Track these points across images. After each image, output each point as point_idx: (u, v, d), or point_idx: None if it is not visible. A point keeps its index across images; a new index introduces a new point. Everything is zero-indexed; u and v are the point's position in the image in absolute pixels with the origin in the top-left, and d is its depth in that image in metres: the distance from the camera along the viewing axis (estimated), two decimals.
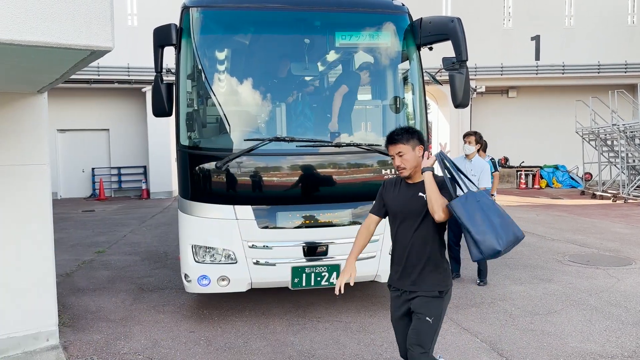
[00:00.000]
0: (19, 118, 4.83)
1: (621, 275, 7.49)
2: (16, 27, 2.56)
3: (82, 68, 3.48)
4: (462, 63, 5.41)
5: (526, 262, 8.46)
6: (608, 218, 13.40)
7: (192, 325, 5.72)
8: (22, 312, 4.93)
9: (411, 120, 5.90)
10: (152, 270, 8.35)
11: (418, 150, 3.37)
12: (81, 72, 16.39)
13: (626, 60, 22.01)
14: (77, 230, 12.67)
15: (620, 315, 5.85)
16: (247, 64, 5.91)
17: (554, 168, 22.90)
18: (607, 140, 19.43)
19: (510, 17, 22.75)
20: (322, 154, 5.54)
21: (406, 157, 3.34)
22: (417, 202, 3.36)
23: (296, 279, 5.38)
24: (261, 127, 5.67)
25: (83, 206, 18.24)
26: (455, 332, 5.44)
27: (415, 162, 3.36)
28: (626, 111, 19.88)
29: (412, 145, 3.35)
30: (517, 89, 23.28)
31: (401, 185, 3.50)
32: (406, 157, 3.34)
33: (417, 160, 3.36)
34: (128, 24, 20.10)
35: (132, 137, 21.46)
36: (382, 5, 5.95)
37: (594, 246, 9.64)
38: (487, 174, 7.24)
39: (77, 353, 5.02)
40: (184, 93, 5.57)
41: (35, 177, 4.93)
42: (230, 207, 5.34)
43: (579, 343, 5.09)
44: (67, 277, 7.90)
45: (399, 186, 3.51)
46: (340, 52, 6.21)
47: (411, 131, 3.40)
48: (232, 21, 5.77)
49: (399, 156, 3.36)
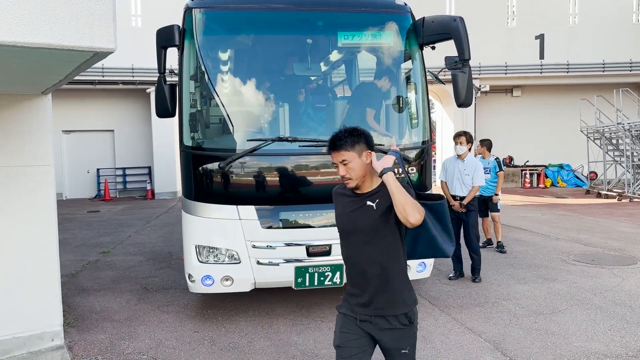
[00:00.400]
0: (23, 119, 4.85)
1: (626, 275, 7.46)
2: (19, 29, 2.57)
3: (86, 69, 3.49)
4: (465, 62, 5.41)
5: (530, 261, 8.44)
6: (613, 217, 13.36)
7: (196, 325, 5.73)
8: (27, 312, 4.95)
9: (414, 120, 5.90)
10: (156, 270, 8.38)
11: (365, 156, 2.82)
12: (86, 73, 16.46)
13: (631, 58, 21.92)
14: (82, 231, 12.71)
15: (625, 314, 5.83)
16: (249, 65, 5.92)
17: (558, 167, 22.83)
18: (612, 139, 19.36)
19: (514, 15, 22.68)
20: (325, 154, 5.52)
21: (352, 166, 2.79)
22: (367, 213, 2.84)
23: (299, 278, 5.39)
24: (264, 128, 5.68)
25: (88, 207, 18.30)
26: (459, 331, 5.43)
27: (362, 170, 2.82)
28: (631, 110, 19.81)
29: (358, 152, 2.80)
30: (521, 88, 23.21)
31: (350, 196, 2.96)
32: (352, 166, 2.79)
33: (364, 169, 2.83)
34: (132, 25, 20.15)
35: (136, 138, 21.52)
36: (385, 5, 5.95)
37: (599, 245, 9.61)
38: (480, 173, 7.30)
39: (82, 353, 5.04)
40: (187, 94, 5.58)
41: (40, 178, 4.95)
42: (234, 208, 5.35)
43: (583, 342, 5.08)
44: (72, 278, 7.94)
45: (348, 196, 2.97)
46: (343, 52, 6.22)
47: (356, 134, 2.82)
48: (234, 22, 5.78)
49: (343, 165, 2.81)
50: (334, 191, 3.09)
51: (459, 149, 7.31)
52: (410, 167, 5.64)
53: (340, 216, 3.01)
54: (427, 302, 6.39)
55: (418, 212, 2.68)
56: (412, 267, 5.76)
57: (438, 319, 5.79)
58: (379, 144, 5.57)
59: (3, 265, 4.85)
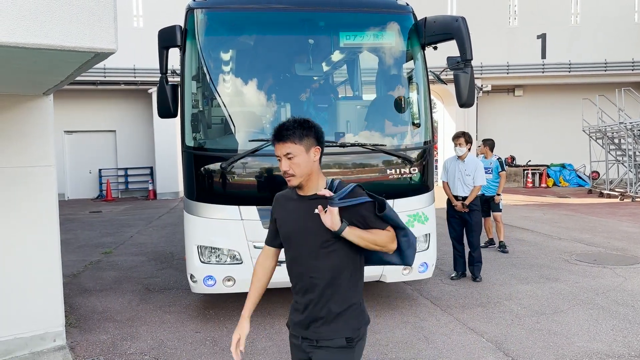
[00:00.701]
0: (25, 120, 4.86)
1: (628, 274, 7.45)
2: (20, 29, 2.57)
3: (87, 70, 3.49)
4: (467, 62, 5.40)
5: (532, 261, 8.43)
6: (615, 217, 13.33)
7: (198, 326, 5.73)
8: (29, 313, 4.96)
9: (416, 120, 5.90)
10: (158, 270, 8.38)
11: (314, 152, 2.54)
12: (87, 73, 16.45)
13: (633, 57, 21.88)
14: (84, 231, 12.73)
15: (628, 314, 5.82)
16: (251, 65, 5.92)
17: (560, 167, 22.80)
18: (615, 139, 19.32)
19: (515, 15, 22.66)
20: (327, 154, 5.48)
21: (297, 161, 2.49)
22: (313, 221, 2.51)
23: None
24: (266, 128, 5.68)
25: (90, 207, 18.32)
26: (461, 331, 5.43)
27: (308, 167, 2.52)
28: (633, 109, 19.76)
29: (306, 146, 2.51)
30: (523, 88, 23.19)
31: (295, 200, 2.64)
32: (297, 161, 2.49)
33: (310, 166, 2.53)
34: (134, 25, 20.17)
35: (138, 138, 21.54)
36: (387, 5, 5.95)
37: (601, 245, 9.59)
38: (481, 172, 7.30)
39: (84, 353, 5.05)
40: (189, 94, 5.59)
41: (42, 179, 4.96)
42: (236, 208, 5.35)
43: (585, 342, 5.07)
44: (74, 278, 7.94)
45: (292, 201, 2.65)
46: (345, 52, 6.21)
47: (307, 126, 2.53)
48: (236, 22, 5.78)
49: (287, 158, 2.50)
50: (276, 195, 2.78)
51: (458, 150, 7.30)
52: (412, 167, 5.63)
53: (284, 222, 2.69)
54: (429, 302, 6.38)
55: (390, 240, 2.53)
56: (414, 267, 5.75)
57: (440, 319, 5.79)
58: (380, 144, 5.59)
59: (5, 266, 4.85)
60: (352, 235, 2.46)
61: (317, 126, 2.58)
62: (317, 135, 2.56)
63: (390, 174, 5.55)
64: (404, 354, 4.91)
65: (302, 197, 2.61)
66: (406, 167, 5.60)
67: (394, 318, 5.84)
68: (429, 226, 5.85)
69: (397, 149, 5.65)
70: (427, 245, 5.86)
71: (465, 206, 7.17)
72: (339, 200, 2.46)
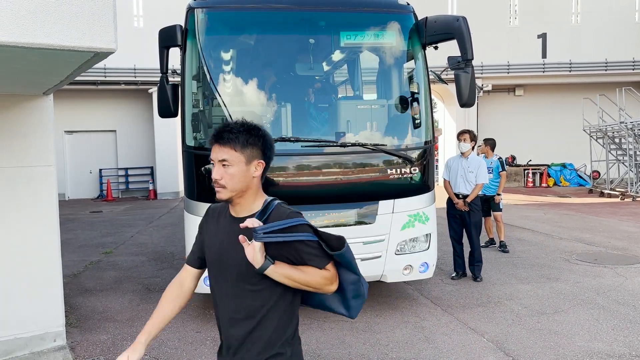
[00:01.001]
0: (25, 120, 4.85)
1: (629, 274, 7.44)
2: (19, 29, 2.57)
3: (87, 70, 3.49)
4: (468, 62, 5.40)
5: (533, 261, 8.42)
6: (616, 216, 13.32)
7: (199, 326, 5.73)
8: (29, 313, 4.95)
9: (417, 120, 5.89)
10: (159, 270, 8.38)
11: (256, 166, 2.13)
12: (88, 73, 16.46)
13: (634, 57, 21.86)
14: (85, 231, 12.72)
15: (628, 314, 5.81)
16: (252, 65, 5.91)
17: (561, 166, 22.77)
18: (615, 138, 19.30)
19: (516, 15, 22.65)
20: (328, 154, 5.53)
21: (232, 171, 2.08)
22: (237, 251, 2.05)
23: None
24: (266, 128, 5.65)
25: (90, 207, 18.31)
26: (461, 331, 5.42)
27: (244, 182, 2.11)
28: (634, 108, 19.73)
29: (247, 156, 2.10)
30: (523, 87, 23.17)
31: (226, 218, 2.22)
32: (232, 171, 2.08)
33: (248, 182, 2.12)
34: (134, 25, 20.16)
35: (139, 138, 21.53)
36: (387, 5, 5.94)
37: (602, 245, 9.58)
38: (484, 170, 7.32)
39: (84, 353, 5.04)
40: (190, 94, 5.58)
41: (42, 179, 4.95)
42: None
43: (586, 342, 5.06)
44: (75, 278, 7.94)
45: (223, 218, 2.23)
46: (346, 52, 6.21)
47: (255, 134, 2.13)
48: (237, 22, 5.78)
49: (221, 165, 2.09)
50: (209, 207, 2.37)
51: (462, 146, 7.31)
52: (413, 167, 5.62)
53: (209, 243, 2.27)
54: (430, 302, 6.37)
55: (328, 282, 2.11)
56: (415, 267, 5.75)
57: (440, 319, 5.78)
58: (381, 144, 5.59)
59: (5, 266, 4.85)
60: (277, 275, 2.04)
61: (267, 136, 2.18)
62: (264, 147, 2.16)
63: (390, 174, 5.54)
64: (404, 353, 4.90)
65: (233, 218, 2.18)
66: (407, 167, 5.59)
67: (394, 318, 5.84)
68: (429, 226, 5.85)
69: (398, 149, 5.64)
70: (427, 245, 5.86)
71: (466, 204, 7.17)
72: (263, 234, 1.99)
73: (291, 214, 2.12)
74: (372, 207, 5.53)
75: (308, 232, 2.08)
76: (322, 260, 2.09)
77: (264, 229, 2.00)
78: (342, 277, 2.17)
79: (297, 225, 2.07)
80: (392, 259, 5.63)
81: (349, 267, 2.16)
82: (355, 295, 2.22)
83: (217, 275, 2.24)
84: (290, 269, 2.06)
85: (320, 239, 2.08)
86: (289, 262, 2.09)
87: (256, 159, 2.13)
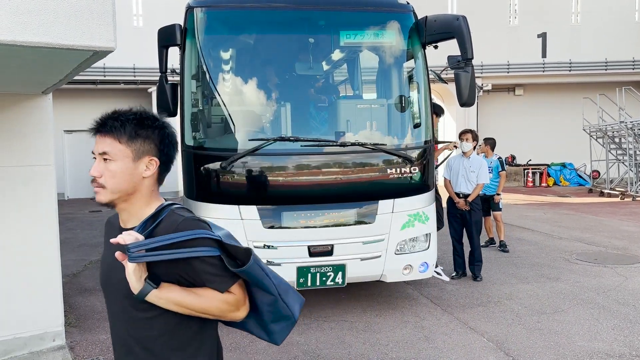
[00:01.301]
0: (24, 119, 4.84)
1: (629, 274, 7.43)
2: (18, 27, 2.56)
3: (85, 69, 3.48)
4: (468, 61, 5.39)
5: (533, 260, 8.41)
6: (616, 216, 13.31)
7: None
8: (28, 313, 4.94)
9: (416, 120, 5.88)
10: None
11: (147, 164, 1.77)
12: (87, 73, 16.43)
13: (634, 57, 21.84)
14: (84, 231, 12.70)
15: (629, 313, 5.80)
16: (251, 64, 5.90)
17: (561, 166, 22.75)
18: (615, 138, 19.29)
19: (516, 14, 22.64)
20: (327, 154, 5.52)
21: (114, 168, 1.73)
22: (122, 268, 1.67)
23: (301, 279, 5.37)
24: (266, 127, 5.67)
25: (90, 206, 18.27)
26: (461, 331, 5.41)
27: (129, 183, 1.74)
28: (634, 108, 19.72)
29: (135, 151, 1.75)
30: (523, 87, 23.15)
31: (117, 230, 1.80)
32: (114, 168, 1.73)
33: (135, 182, 1.75)
34: (134, 24, 20.13)
35: None
36: (387, 4, 5.94)
37: (602, 244, 9.58)
38: (485, 170, 7.36)
39: (84, 353, 5.03)
40: (189, 93, 5.57)
41: (41, 178, 4.94)
42: (235, 207, 5.33)
43: (586, 342, 5.05)
44: (74, 278, 7.92)
45: (115, 231, 1.80)
46: (345, 51, 6.20)
47: (148, 124, 1.79)
48: (236, 21, 5.77)
49: (102, 159, 1.75)
50: (108, 218, 2.00)
51: (464, 145, 7.33)
52: (413, 167, 5.61)
53: (101, 263, 1.96)
54: (429, 302, 6.36)
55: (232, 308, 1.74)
56: (415, 267, 5.74)
57: (440, 319, 5.77)
58: (381, 144, 5.58)
59: (4, 266, 4.83)
60: (163, 301, 1.66)
61: (165, 129, 1.81)
62: (160, 142, 1.78)
63: (390, 174, 5.53)
64: (404, 353, 4.89)
65: (121, 229, 1.78)
66: (406, 167, 5.58)
67: (394, 317, 5.83)
68: (429, 225, 5.84)
69: (398, 148, 5.63)
70: (427, 245, 5.85)
71: (467, 203, 7.17)
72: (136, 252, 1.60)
73: (185, 224, 1.70)
74: (371, 207, 5.52)
75: (209, 246, 1.67)
76: (224, 281, 1.70)
77: (140, 246, 1.60)
78: (257, 297, 1.82)
79: (193, 240, 1.66)
80: (392, 259, 5.62)
81: (260, 285, 1.77)
82: (276, 318, 1.84)
83: (107, 299, 1.90)
84: (181, 294, 1.67)
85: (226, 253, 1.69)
86: (186, 283, 1.70)
87: (147, 155, 1.76)
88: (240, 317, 1.78)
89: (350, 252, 5.44)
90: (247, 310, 1.79)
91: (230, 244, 1.69)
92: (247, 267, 1.67)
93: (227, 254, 1.70)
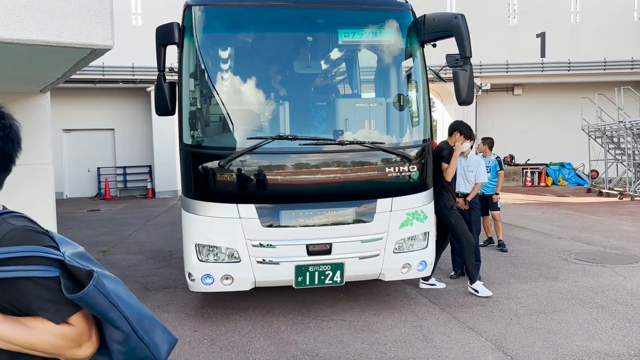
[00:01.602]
0: (21, 118, 4.78)
1: (627, 274, 7.43)
2: (16, 25, 2.55)
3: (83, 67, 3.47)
4: (466, 60, 5.39)
5: (531, 260, 8.41)
6: (614, 216, 13.32)
7: (196, 324, 5.71)
8: None
9: (415, 118, 5.88)
10: (156, 269, 8.36)
11: None
12: (86, 72, 16.43)
13: (632, 56, 21.87)
14: (83, 230, 12.69)
15: (627, 313, 5.80)
16: (249, 62, 5.90)
17: (560, 166, 22.78)
18: (614, 138, 19.31)
19: (515, 14, 22.65)
20: (326, 152, 5.52)
21: None
22: None
23: (300, 277, 5.36)
24: (264, 126, 5.66)
25: (89, 206, 18.29)
26: (459, 330, 5.41)
27: None
28: (633, 108, 19.75)
29: None
30: (522, 87, 23.17)
31: None
32: None
33: None
34: (132, 23, 20.11)
35: (137, 137, 21.50)
36: (386, 2, 5.94)
37: (600, 244, 9.58)
38: (483, 169, 7.37)
39: None
40: (187, 92, 5.56)
41: (39, 177, 4.94)
42: (234, 206, 5.33)
43: (584, 342, 5.05)
44: None
45: None
46: (344, 50, 6.19)
47: None
48: (234, 19, 5.76)
49: None
50: None
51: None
52: (411, 165, 5.61)
53: None
54: (428, 301, 6.36)
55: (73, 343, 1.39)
56: (413, 266, 5.74)
57: (439, 318, 5.77)
58: (379, 142, 5.58)
59: None
60: None
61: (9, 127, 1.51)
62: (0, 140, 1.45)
63: (389, 172, 5.53)
64: (402, 352, 4.89)
65: None
66: (405, 165, 5.58)
67: (392, 317, 5.82)
68: (427, 224, 5.84)
69: (396, 147, 5.63)
70: (426, 243, 5.85)
71: (466, 203, 7.17)
72: None
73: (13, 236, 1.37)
74: (370, 206, 5.52)
75: (45, 265, 1.35)
76: (60, 309, 1.36)
77: None
78: (106, 332, 1.47)
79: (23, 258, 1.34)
80: (391, 258, 5.62)
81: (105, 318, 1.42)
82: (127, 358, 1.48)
83: None
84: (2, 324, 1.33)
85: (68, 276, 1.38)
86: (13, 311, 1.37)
87: None
88: (82, 355, 1.42)
89: (349, 250, 5.44)
90: (94, 348, 1.43)
91: (74, 264, 1.37)
92: (83, 293, 1.33)
93: (70, 276, 1.38)
